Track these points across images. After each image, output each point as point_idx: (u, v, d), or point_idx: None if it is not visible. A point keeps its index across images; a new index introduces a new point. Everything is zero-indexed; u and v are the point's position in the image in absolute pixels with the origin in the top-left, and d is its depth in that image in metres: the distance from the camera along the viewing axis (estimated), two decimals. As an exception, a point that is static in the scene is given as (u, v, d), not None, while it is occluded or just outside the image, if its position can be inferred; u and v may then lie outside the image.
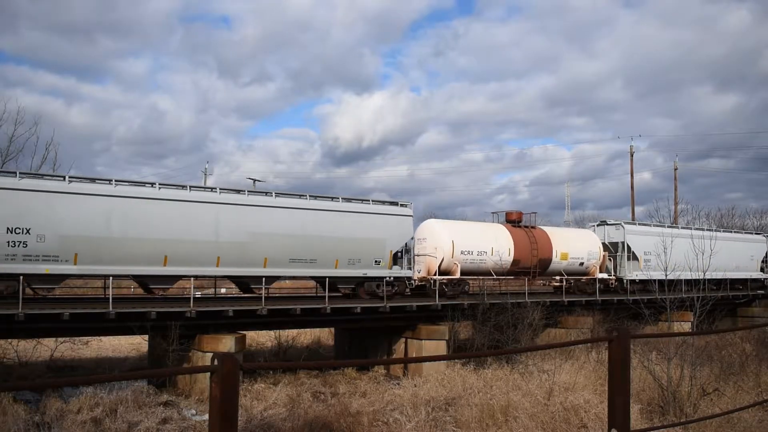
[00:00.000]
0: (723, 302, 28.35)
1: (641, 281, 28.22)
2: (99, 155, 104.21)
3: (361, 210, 22.40)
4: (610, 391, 4.52)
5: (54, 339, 20.80)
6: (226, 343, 17.74)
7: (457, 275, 24.24)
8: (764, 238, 37.43)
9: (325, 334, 28.17)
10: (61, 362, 21.59)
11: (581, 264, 28.18)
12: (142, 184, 19.23)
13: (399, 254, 23.18)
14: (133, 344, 25.49)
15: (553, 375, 16.13)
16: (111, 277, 17.40)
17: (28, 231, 16.74)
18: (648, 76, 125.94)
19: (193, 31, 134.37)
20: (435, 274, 23.66)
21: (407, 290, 23.91)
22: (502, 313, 21.81)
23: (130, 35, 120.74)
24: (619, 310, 26.58)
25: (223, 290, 30.64)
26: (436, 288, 22.63)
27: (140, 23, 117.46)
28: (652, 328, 23.80)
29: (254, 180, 52.20)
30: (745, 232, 37.98)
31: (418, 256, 23.89)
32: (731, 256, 30.74)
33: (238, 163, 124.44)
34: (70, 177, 17.94)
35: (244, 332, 19.17)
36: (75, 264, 17.36)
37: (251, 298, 20.85)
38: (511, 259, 25.62)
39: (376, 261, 22.22)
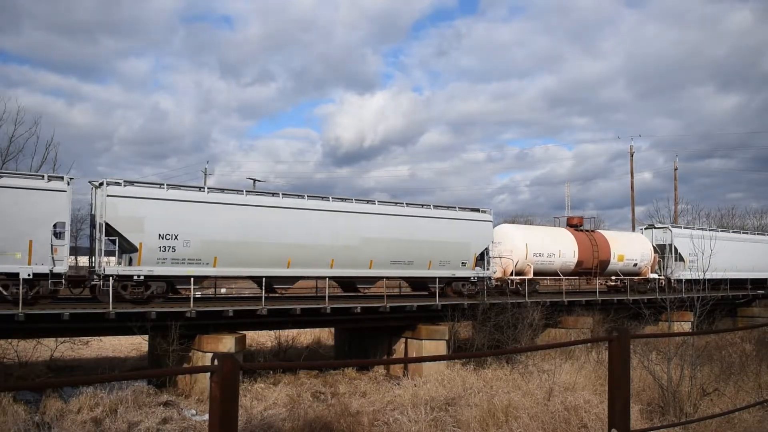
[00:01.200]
0: (723, 302, 28.46)
1: (687, 280, 29.88)
2: (100, 155, 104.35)
3: (450, 216, 24.66)
4: (610, 391, 4.52)
5: (54, 339, 20.79)
6: (226, 343, 17.74)
7: (530, 275, 26.67)
8: None
9: (325, 334, 28.16)
10: (61, 362, 21.58)
11: (635, 265, 30.48)
12: (269, 194, 21.57)
13: (480, 256, 25.21)
14: (133, 344, 25.48)
15: (553, 375, 16.13)
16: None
17: (176, 237, 18.69)
18: (650, 76, 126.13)
19: (195, 31, 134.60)
20: (511, 274, 26.24)
21: (486, 289, 25.49)
22: (502, 313, 21.82)
23: (133, 35, 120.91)
24: (619, 310, 26.59)
25: (223, 290, 30.66)
26: (524, 287, 25.32)
27: (142, 23, 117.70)
28: (652, 328, 23.80)
29: (254, 180, 52.21)
30: None
31: (494, 258, 25.92)
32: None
33: (239, 163, 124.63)
34: (208, 188, 20.52)
35: (244, 332, 19.18)
36: (215, 266, 19.47)
37: (251, 298, 20.88)
38: (575, 260, 28.06)
39: (462, 262, 24.49)
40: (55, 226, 17.29)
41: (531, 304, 22.79)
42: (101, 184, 18.35)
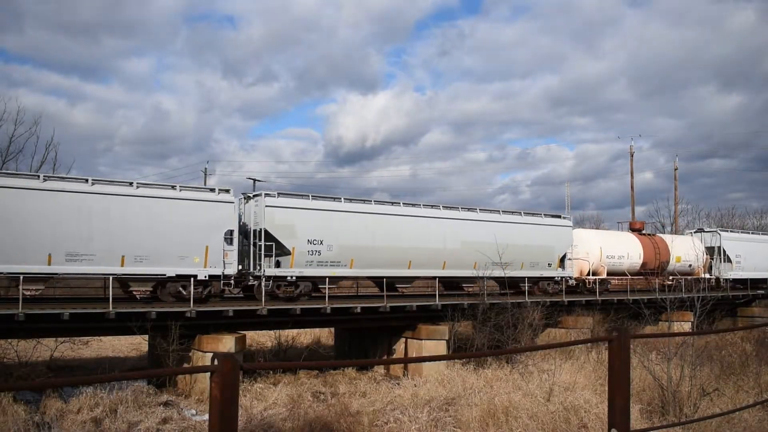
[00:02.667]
0: (723, 302, 28.56)
1: (734, 280, 33.83)
2: (102, 155, 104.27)
3: (538, 222, 27.25)
4: (610, 391, 4.52)
5: (54, 339, 20.79)
6: (226, 343, 17.74)
7: (604, 275, 29.53)
8: None
9: (325, 334, 28.16)
10: (61, 362, 21.57)
11: (690, 266, 33.15)
12: (395, 203, 24.11)
13: (562, 258, 27.72)
14: (133, 344, 25.49)
15: (553, 375, 16.12)
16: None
17: (321, 242, 21.14)
18: (652, 75, 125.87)
19: (197, 31, 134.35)
20: (588, 275, 28.95)
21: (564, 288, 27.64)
22: (502, 313, 21.81)
23: (135, 35, 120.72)
24: (619, 310, 26.60)
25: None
26: (598, 286, 28.18)
27: (145, 23, 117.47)
28: (652, 328, 23.81)
29: (254, 180, 52.12)
30: None
31: (570, 260, 28.33)
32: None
33: (240, 163, 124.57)
34: (344, 198, 22.65)
35: (244, 332, 19.17)
36: (351, 268, 21.89)
37: (251, 298, 20.95)
38: (641, 261, 30.93)
39: (548, 264, 27.02)
40: (225, 233, 19.53)
41: (531, 304, 22.80)
42: (256, 195, 21.08)
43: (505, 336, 21.44)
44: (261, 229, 20.25)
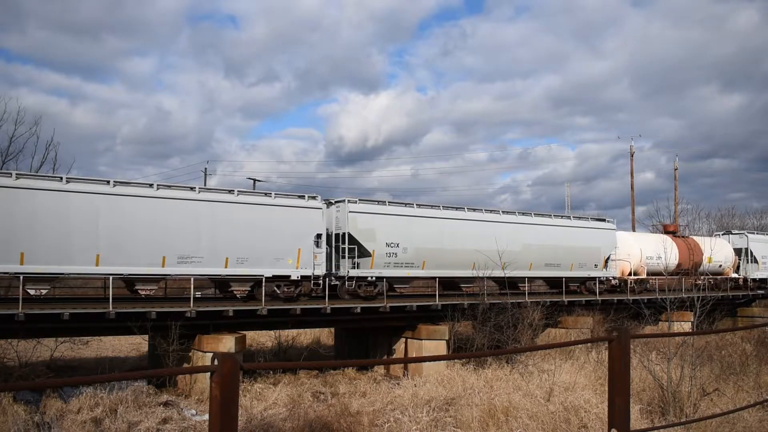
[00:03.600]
0: (723, 302, 28.66)
1: (760, 279, 36.45)
2: (102, 155, 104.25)
3: (586, 225, 29.13)
4: (610, 391, 4.52)
5: (54, 339, 20.78)
6: (226, 343, 17.74)
7: (644, 275, 31.28)
8: None
9: (325, 334, 28.15)
10: (61, 362, 21.56)
11: (720, 266, 34.96)
12: (459, 208, 25.82)
13: (606, 259, 29.38)
14: (133, 344, 25.49)
15: (553, 375, 16.12)
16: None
17: (397, 245, 22.76)
18: (654, 75, 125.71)
19: (200, 31, 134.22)
20: (629, 275, 30.70)
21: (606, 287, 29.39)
22: (502, 313, 21.80)
23: (137, 34, 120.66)
24: (618, 310, 26.60)
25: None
26: (638, 285, 30.25)
27: (147, 22, 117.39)
28: (652, 328, 23.80)
29: (254, 180, 52.18)
30: None
31: (614, 260, 30.10)
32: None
33: (241, 163, 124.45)
34: (417, 204, 24.48)
35: (244, 332, 19.16)
36: (423, 269, 23.51)
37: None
38: (676, 262, 32.57)
39: (595, 264, 28.64)
40: (315, 237, 21.10)
41: (531, 304, 22.79)
42: (338, 201, 22.65)
43: (505, 336, 21.44)
44: (344, 233, 21.87)
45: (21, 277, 16.26)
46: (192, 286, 18.81)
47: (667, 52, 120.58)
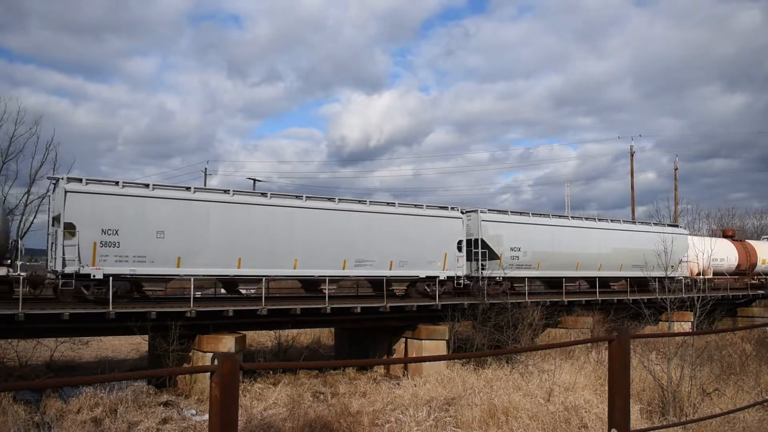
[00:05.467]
0: (723, 302, 28.73)
1: None
2: (104, 155, 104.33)
3: (665, 231, 30.59)
4: (610, 391, 4.52)
5: (54, 339, 20.78)
6: (226, 343, 17.73)
7: (710, 275, 34.72)
8: None
9: (325, 334, 28.14)
10: (61, 362, 21.56)
11: None
12: (563, 216, 30.19)
13: (680, 261, 31.56)
14: (133, 344, 25.47)
15: (553, 375, 16.12)
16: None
17: (519, 249, 26.25)
18: (657, 75, 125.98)
19: (202, 30, 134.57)
20: (698, 275, 33.41)
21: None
22: (502, 313, 21.80)
23: (139, 34, 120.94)
24: (618, 310, 26.58)
25: (223, 290, 30.59)
26: (705, 284, 31.40)
27: (149, 22, 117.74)
28: (652, 328, 23.79)
29: (254, 180, 52.16)
30: None
31: (686, 262, 33.10)
32: None
33: (242, 163, 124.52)
34: (532, 213, 28.30)
35: (244, 332, 19.15)
36: (537, 269, 27.15)
37: (251, 298, 20.97)
38: (736, 263, 36.98)
39: (671, 266, 30.36)
40: (457, 242, 24.39)
41: (531, 304, 22.79)
42: (470, 211, 25.82)
43: (505, 336, 21.43)
44: (477, 238, 25.32)
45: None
46: (192, 286, 18.79)
47: (670, 51, 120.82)
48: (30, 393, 16.47)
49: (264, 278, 20.51)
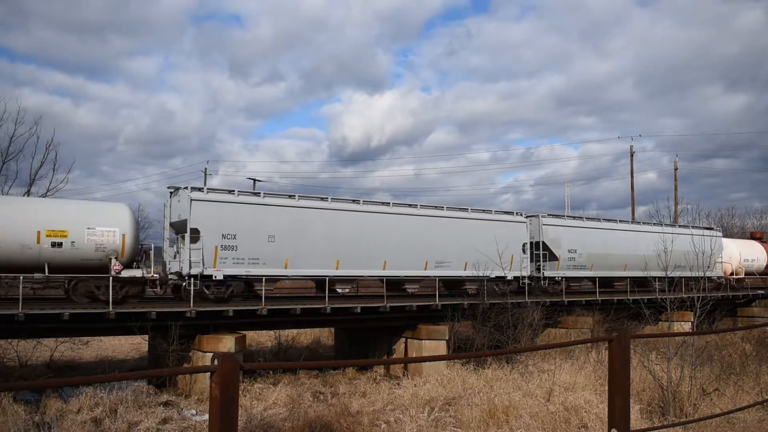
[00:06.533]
0: (723, 302, 28.73)
1: None
2: (104, 155, 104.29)
3: (700, 233, 31.62)
4: (610, 391, 4.52)
5: (54, 339, 20.78)
6: (226, 343, 17.73)
7: (742, 275, 36.59)
8: None
9: (325, 334, 28.14)
10: (61, 362, 21.56)
11: None
12: (612, 220, 32.17)
13: (716, 261, 32.68)
14: (133, 344, 25.47)
15: (553, 375, 16.12)
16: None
17: (575, 251, 28.34)
18: (659, 75, 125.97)
19: (204, 30, 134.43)
20: (731, 275, 35.53)
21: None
22: (502, 313, 21.80)
23: (141, 34, 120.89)
24: (618, 310, 26.58)
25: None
26: (738, 283, 35.02)
27: (151, 22, 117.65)
28: (652, 328, 23.79)
29: (254, 180, 52.19)
30: None
31: (721, 263, 34.08)
32: None
33: (243, 163, 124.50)
34: (586, 217, 31.40)
35: (244, 332, 19.15)
36: (591, 269, 29.07)
37: (251, 298, 20.97)
38: (765, 263, 39.08)
39: (708, 266, 32.10)
40: (522, 245, 26.49)
41: (531, 304, 22.79)
42: (531, 216, 27.80)
43: (505, 336, 21.43)
44: (538, 241, 27.30)
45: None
46: (192, 286, 18.78)
47: (672, 51, 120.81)
48: (30, 393, 16.48)
49: (357, 278, 22.88)
